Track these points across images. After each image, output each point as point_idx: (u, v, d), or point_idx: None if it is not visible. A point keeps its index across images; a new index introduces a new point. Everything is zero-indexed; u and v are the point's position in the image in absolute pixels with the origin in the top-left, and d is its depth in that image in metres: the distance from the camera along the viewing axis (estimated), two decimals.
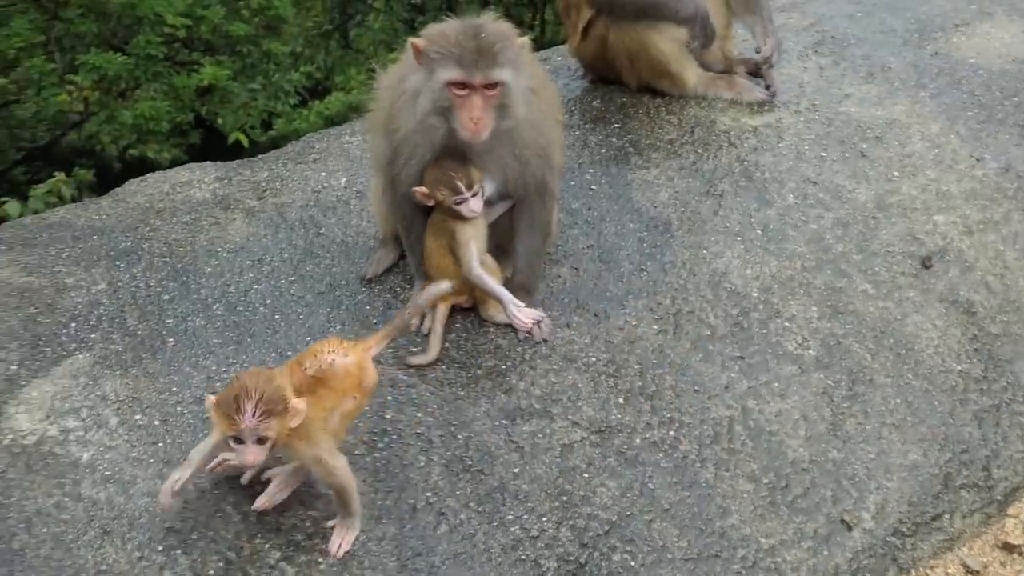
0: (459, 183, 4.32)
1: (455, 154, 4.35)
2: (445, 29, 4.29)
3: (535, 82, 4.49)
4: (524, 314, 4.45)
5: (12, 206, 9.31)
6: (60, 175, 9.37)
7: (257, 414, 3.51)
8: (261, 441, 3.55)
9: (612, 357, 4.47)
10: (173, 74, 13.53)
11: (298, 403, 3.60)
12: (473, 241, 4.40)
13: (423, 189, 4.37)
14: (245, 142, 12.23)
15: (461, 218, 4.37)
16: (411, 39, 4.31)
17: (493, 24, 4.30)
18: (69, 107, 13.61)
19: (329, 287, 4.72)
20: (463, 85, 4.21)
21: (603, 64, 5.91)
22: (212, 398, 3.61)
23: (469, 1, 17.01)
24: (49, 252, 4.98)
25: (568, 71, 6.14)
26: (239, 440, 3.56)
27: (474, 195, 4.34)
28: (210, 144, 13.70)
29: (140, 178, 5.69)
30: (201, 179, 5.52)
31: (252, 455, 3.56)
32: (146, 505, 3.84)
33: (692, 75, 5.83)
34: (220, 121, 13.03)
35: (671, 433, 4.26)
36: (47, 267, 4.89)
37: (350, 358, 3.80)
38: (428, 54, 4.26)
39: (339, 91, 14.95)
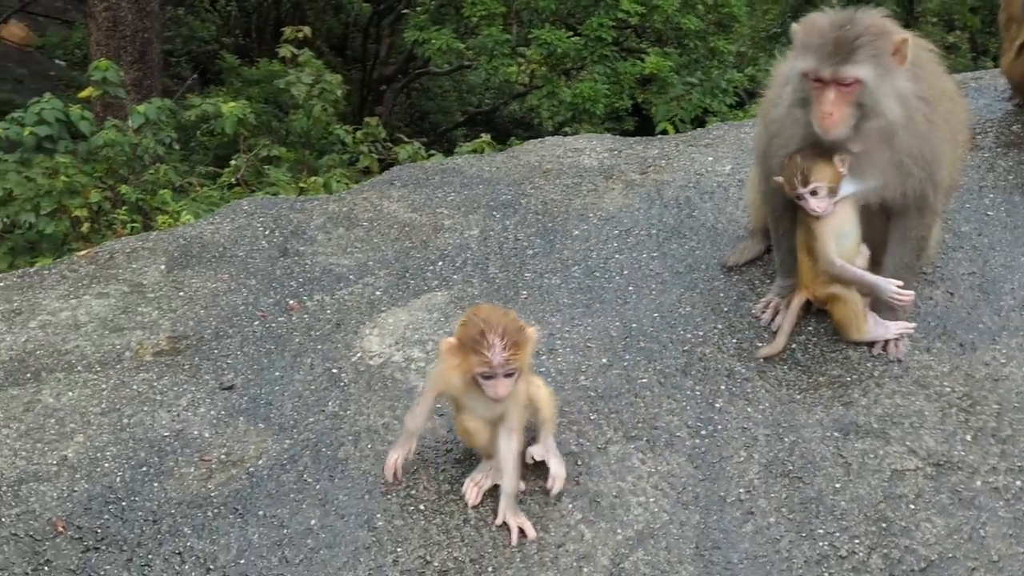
0: (794, 178, 4.09)
1: (818, 149, 4.10)
2: (820, 17, 4.08)
3: (930, 91, 4.16)
4: (900, 298, 4.18)
5: (437, 159, 9.88)
6: (486, 136, 9.82)
7: (507, 347, 3.55)
8: (509, 375, 3.59)
9: (969, 391, 4.15)
10: (618, 59, 13.83)
11: (533, 331, 3.64)
12: (831, 235, 4.14)
13: (780, 179, 4.19)
14: (671, 133, 12.28)
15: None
16: (794, 24, 4.15)
17: (869, 17, 4.02)
18: (516, 78, 14.19)
19: (688, 268, 4.66)
20: (816, 77, 4.01)
21: None
22: (450, 340, 3.65)
23: (934, 24, 16.36)
24: (436, 194, 5.22)
25: (994, 91, 5.75)
26: (487, 376, 3.59)
27: (812, 193, 4.08)
28: (641, 131, 13.89)
29: (539, 139, 5.87)
30: (594, 148, 5.62)
31: (503, 387, 3.60)
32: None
33: None
34: (653, 110, 13.17)
35: (1018, 483, 3.90)
36: (431, 207, 5.13)
37: None
38: (797, 41, 4.08)
39: None
